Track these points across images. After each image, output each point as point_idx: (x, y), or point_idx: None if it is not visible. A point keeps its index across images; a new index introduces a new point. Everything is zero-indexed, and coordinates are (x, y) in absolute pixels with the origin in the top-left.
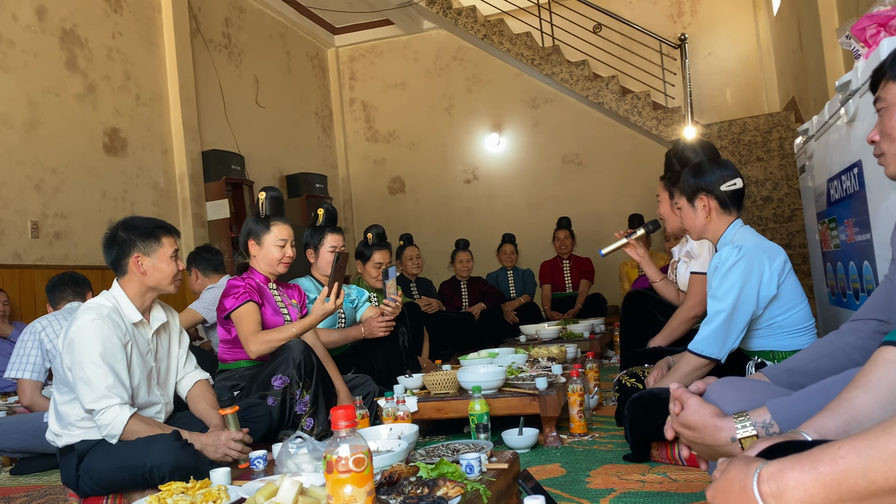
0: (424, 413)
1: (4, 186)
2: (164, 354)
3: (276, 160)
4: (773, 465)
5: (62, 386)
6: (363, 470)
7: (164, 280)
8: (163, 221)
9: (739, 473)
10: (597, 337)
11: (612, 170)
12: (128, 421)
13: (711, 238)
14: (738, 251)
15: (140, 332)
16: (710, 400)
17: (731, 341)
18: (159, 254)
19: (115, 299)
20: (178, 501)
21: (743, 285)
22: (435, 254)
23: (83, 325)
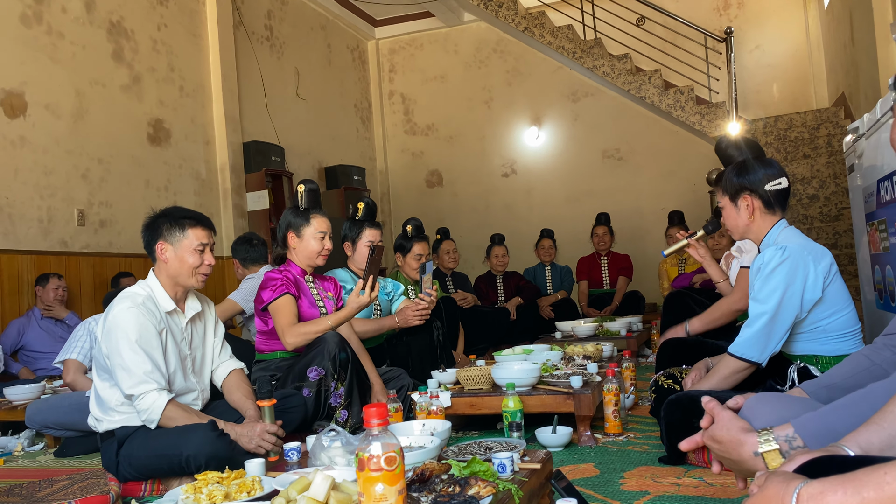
0: (458, 408)
1: (53, 175)
2: (199, 343)
3: (315, 152)
4: (813, 486)
5: (102, 372)
6: (395, 468)
7: (184, 272)
8: (199, 214)
9: (778, 491)
10: (634, 335)
11: (652, 165)
12: (165, 406)
13: (754, 239)
14: (781, 252)
15: (174, 321)
16: (745, 416)
17: (772, 345)
18: (183, 244)
19: (150, 288)
20: (213, 491)
21: (786, 288)
22: (471, 248)
23: (119, 313)
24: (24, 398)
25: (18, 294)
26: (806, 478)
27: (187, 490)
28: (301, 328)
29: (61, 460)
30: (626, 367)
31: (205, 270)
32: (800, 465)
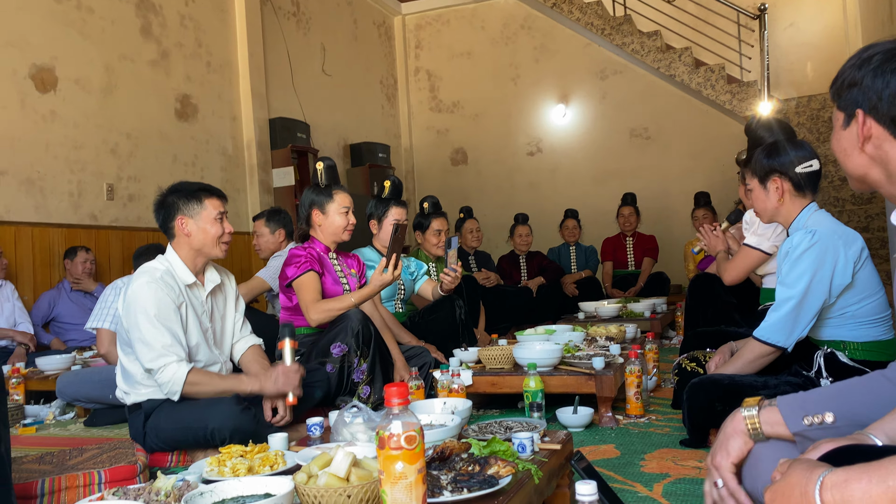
0: (479, 387)
1: (83, 149)
2: (220, 316)
3: (340, 129)
4: (837, 474)
5: (126, 346)
6: (414, 447)
7: (209, 242)
8: (208, 185)
9: (801, 478)
10: (658, 317)
11: (681, 145)
12: (186, 376)
13: (783, 222)
14: (811, 236)
15: (195, 294)
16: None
17: (799, 330)
18: (203, 216)
19: (169, 262)
20: (237, 465)
21: (815, 272)
22: (495, 227)
23: (137, 287)
24: (56, 368)
25: (49, 266)
26: (830, 466)
27: (212, 463)
28: (325, 305)
29: (91, 430)
30: (649, 348)
31: (227, 239)
32: (825, 454)
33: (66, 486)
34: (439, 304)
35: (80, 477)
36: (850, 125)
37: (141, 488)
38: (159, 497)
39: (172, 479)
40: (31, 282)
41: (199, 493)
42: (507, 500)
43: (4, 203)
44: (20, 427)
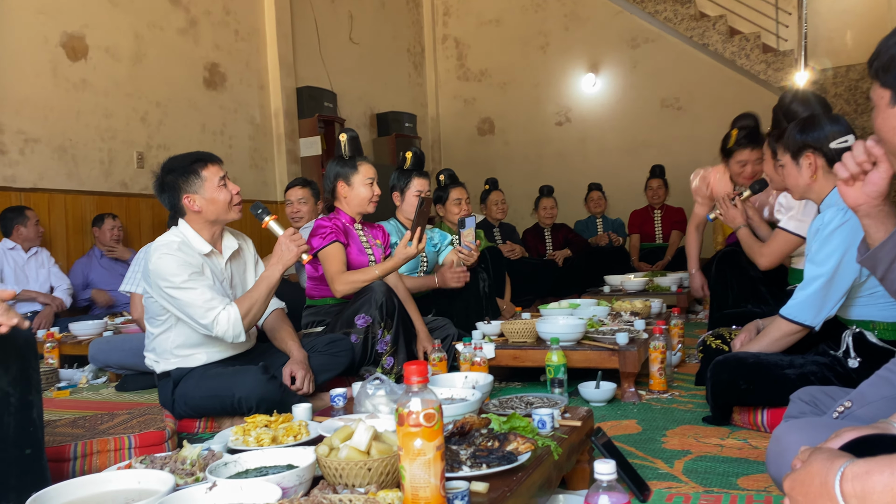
0: (501, 360)
1: (113, 118)
2: (240, 281)
3: (367, 98)
4: (859, 465)
5: (153, 318)
6: (433, 425)
7: (222, 210)
8: (199, 153)
9: (822, 468)
10: (685, 291)
11: (713, 115)
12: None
13: (815, 199)
14: (843, 213)
15: (213, 262)
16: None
17: (827, 309)
18: (206, 187)
19: (183, 234)
20: (261, 435)
21: (845, 251)
22: (522, 198)
23: (157, 261)
24: (88, 334)
25: (82, 233)
26: (852, 456)
27: (236, 432)
28: (350, 276)
29: (122, 394)
30: (674, 324)
31: (237, 200)
32: (847, 443)
33: (97, 450)
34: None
35: (111, 441)
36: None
37: (167, 457)
38: (185, 466)
39: (198, 448)
40: (64, 248)
41: (224, 463)
42: (526, 477)
43: (38, 170)
44: (54, 390)
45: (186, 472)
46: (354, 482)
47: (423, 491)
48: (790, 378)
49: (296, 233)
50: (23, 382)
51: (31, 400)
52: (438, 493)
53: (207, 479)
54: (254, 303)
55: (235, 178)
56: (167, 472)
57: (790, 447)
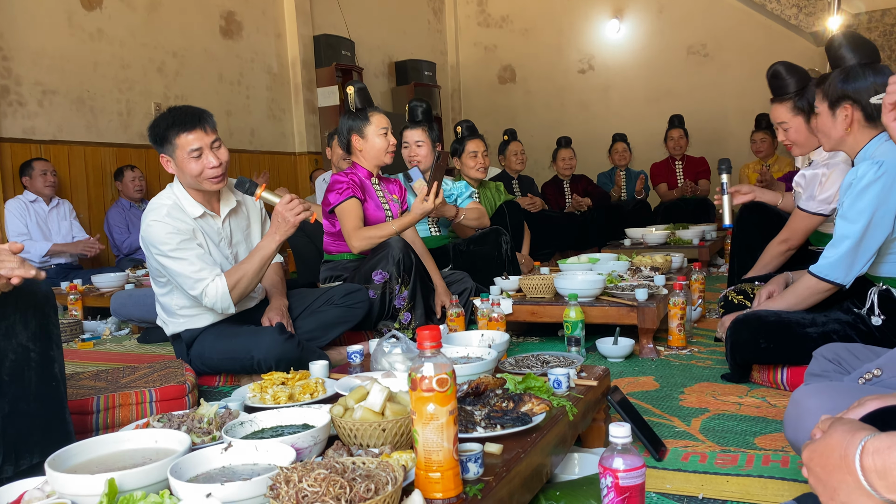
0: (519, 315)
1: (129, 68)
2: (242, 238)
3: (385, 46)
4: (881, 440)
5: (156, 280)
6: (446, 390)
7: (191, 180)
8: (188, 116)
9: (842, 441)
10: (707, 244)
11: (740, 63)
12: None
13: (848, 151)
14: (877, 168)
15: (208, 223)
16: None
17: (858, 266)
18: (177, 155)
19: (176, 195)
20: (278, 392)
21: (878, 207)
22: (543, 148)
23: (148, 227)
24: (111, 286)
25: (102, 185)
26: (874, 429)
27: (253, 389)
28: (366, 232)
29: (144, 346)
30: (695, 279)
31: (209, 174)
32: (869, 413)
33: (119, 404)
34: (486, 235)
35: (133, 395)
36: None
37: (185, 415)
38: (202, 424)
39: (215, 406)
40: (85, 200)
41: (240, 422)
42: (541, 438)
43: (57, 122)
44: (79, 342)
45: (203, 431)
46: (369, 442)
47: (437, 455)
48: (812, 336)
49: (292, 199)
50: (43, 338)
51: (52, 355)
52: (451, 457)
53: (223, 439)
54: (243, 275)
55: (254, 130)
56: (184, 432)
57: (809, 411)
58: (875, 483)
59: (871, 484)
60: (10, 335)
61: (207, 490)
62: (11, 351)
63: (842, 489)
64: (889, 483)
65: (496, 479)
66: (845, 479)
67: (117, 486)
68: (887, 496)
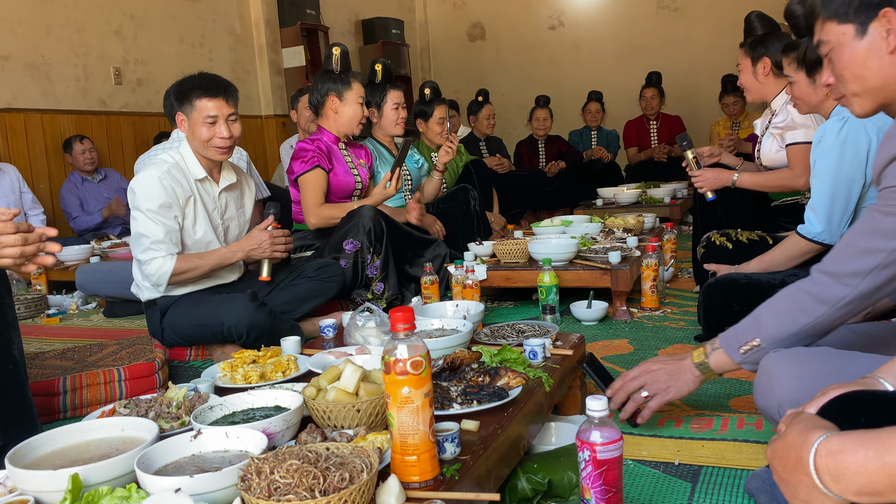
0: (493, 281)
1: (85, 31)
2: (234, 214)
3: (351, 3)
4: (833, 441)
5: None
6: (421, 372)
7: (200, 145)
8: (212, 83)
9: (797, 440)
10: (678, 202)
11: (711, 17)
12: (173, 268)
13: (825, 113)
14: (841, 124)
15: (205, 188)
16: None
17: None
18: (193, 117)
19: (181, 155)
20: (249, 372)
21: (844, 158)
22: (514, 107)
23: (143, 178)
24: (75, 259)
25: (61, 154)
26: (830, 427)
27: (223, 368)
28: (326, 211)
29: (112, 321)
30: (667, 238)
31: (217, 143)
32: (829, 402)
33: (87, 384)
34: (454, 194)
35: (101, 374)
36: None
37: (153, 399)
38: (171, 409)
39: (184, 389)
40: (44, 170)
41: (209, 406)
42: (517, 412)
43: (11, 90)
44: (44, 318)
45: (172, 416)
46: (343, 424)
47: (412, 438)
48: None
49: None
50: None
51: (9, 337)
52: (427, 440)
53: (193, 426)
54: (195, 267)
55: None
56: (152, 418)
57: (778, 379)
58: (829, 485)
59: (825, 485)
60: None
61: (176, 484)
62: None
63: (801, 489)
64: (843, 486)
65: (473, 458)
66: (802, 480)
67: (82, 480)
68: (843, 497)
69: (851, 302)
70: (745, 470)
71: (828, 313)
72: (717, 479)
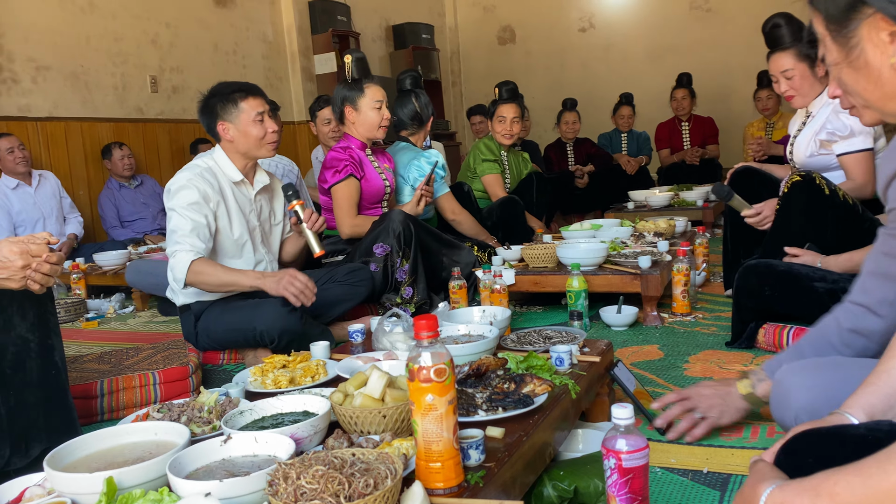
0: (521, 286)
1: (123, 41)
2: (267, 217)
3: (381, 9)
4: (777, 493)
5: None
6: (444, 380)
7: (252, 145)
8: (247, 84)
9: (751, 492)
10: (711, 205)
11: (745, 16)
12: (189, 265)
13: None
14: None
15: (241, 191)
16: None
17: None
18: (241, 119)
19: (215, 160)
20: (279, 377)
21: None
22: (544, 110)
23: (178, 179)
24: (113, 264)
25: (100, 162)
26: (780, 476)
27: (254, 373)
28: (358, 220)
29: (149, 325)
30: (699, 242)
31: (270, 139)
32: (785, 442)
33: (123, 387)
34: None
35: (136, 378)
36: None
37: (185, 404)
38: (202, 413)
39: (215, 393)
40: (84, 177)
41: (239, 411)
42: (543, 418)
43: (52, 99)
44: (83, 321)
45: (204, 421)
46: (370, 429)
47: (436, 445)
48: (818, 291)
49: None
50: (41, 327)
51: (52, 343)
52: (451, 446)
53: (223, 430)
54: (211, 274)
55: None
56: (184, 422)
57: (792, 390)
58: None
59: None
60: (9, 328)
61: (206, 488)
62: (11, 343)
63: None
64: None
65: (498, 465)
66: None
67: (116, 483)
68: None
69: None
70: None
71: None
72: None
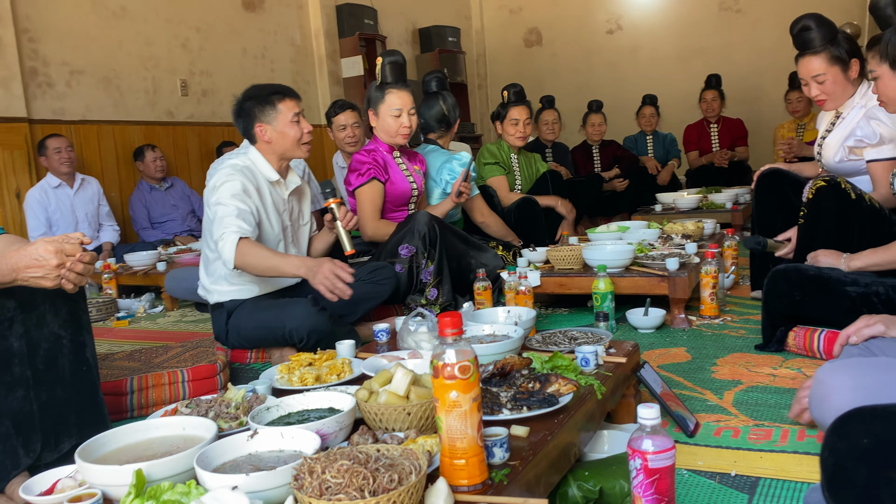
0: (547, 288)
1: (154, 45)
2: (297, 216)
3: (408, 12)
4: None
5: (211, 241)
6: (469, 377)
7: (290, 145)
8: (281, 85)
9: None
10: (740, 208)
11: (775, 17)
12: (238, 243)
13: None
14: None
15: (277, 192)
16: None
17: None
18: (279, 120)
19: (251, 160)
20: (305, 374)
21: None
22: (570, 112)
23: (222, 174)
24: (143, 264)
25: (132, 164)
26: None
27: (281, 370)
28: (381, 224)
29: (178, 324)
30: (727, 245)
31: (307, 139)
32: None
33: (152, 384)
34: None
35: (165, 375)
36: None
37: (213, 400)
38: (230, 409)
39: (242, 390)
40: (116, 179)
41: (266, 407)
42: (568, 419)
43: (85, 103)
44: (114, 320)
45: (231, 416)
46: (394, 426)
47: (461, 442)
48: (850, 295)
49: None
50: (73, 324)
51: (83, 340)
52: (476, 444)
53: (250, 425)
54: (256, 259)
55: None
56: (211, 418)
57: (834, 389)
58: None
59: None
60: (42, 324)
61: (233, 481)
62: (44, 340)
63: None
64: None
65: (522, 463)
66: None
67: (145, 476)
68: None
69: None
70: (806, 483)
71: None
72: (775, 492)
